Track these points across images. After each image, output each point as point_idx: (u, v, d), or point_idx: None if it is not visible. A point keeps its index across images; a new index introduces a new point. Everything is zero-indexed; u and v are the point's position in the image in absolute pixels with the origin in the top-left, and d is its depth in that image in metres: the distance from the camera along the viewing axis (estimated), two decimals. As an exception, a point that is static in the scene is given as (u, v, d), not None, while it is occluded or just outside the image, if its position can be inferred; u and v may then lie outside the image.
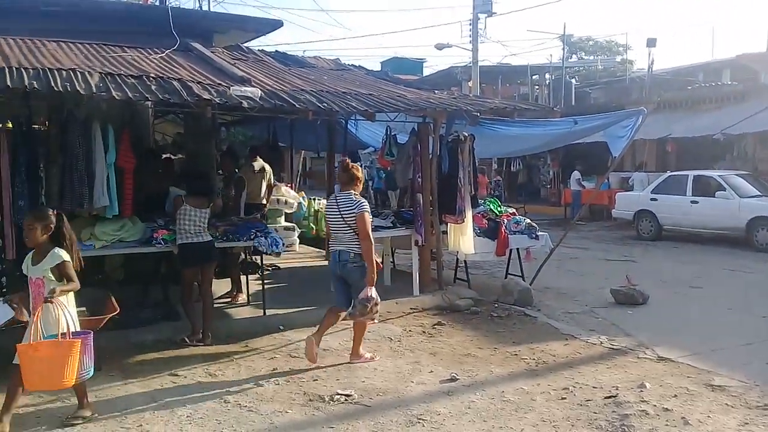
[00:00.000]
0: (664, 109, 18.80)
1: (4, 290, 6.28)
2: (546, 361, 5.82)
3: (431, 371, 5.52)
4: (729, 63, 22.38)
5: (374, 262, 5.52)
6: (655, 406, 4.66)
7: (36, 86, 5.64)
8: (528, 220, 9.01)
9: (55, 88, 5.67)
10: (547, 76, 28.11)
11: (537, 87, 28.23)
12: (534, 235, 8.77)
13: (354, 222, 5.52)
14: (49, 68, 6.14)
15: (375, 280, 5.53)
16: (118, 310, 5.60)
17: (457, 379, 5.30)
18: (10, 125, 7.04)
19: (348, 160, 6.08)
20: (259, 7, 67.47)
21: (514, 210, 9.53)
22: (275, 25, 10.35)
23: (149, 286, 7.44)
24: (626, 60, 34.12)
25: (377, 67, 27.07)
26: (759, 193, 13.21)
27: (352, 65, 11.49)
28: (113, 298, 5.71)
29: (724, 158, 17.34)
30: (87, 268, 6.71)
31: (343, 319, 5.89)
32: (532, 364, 5.74)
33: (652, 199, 14.44)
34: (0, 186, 6.16)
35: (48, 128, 6.68)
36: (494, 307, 7.71)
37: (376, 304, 5.51)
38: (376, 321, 5.82)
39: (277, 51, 10.67)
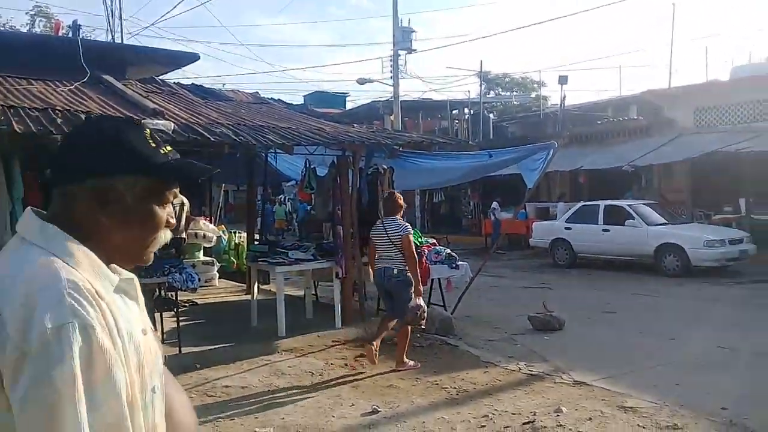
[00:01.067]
0: (576, 143, 19.70)
1: None
2: (466, 390, 5.87)
3: (352, 404, 5.46)
4: (635, 99, 23.69)
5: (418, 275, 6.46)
6: (570, 429, 4.77)
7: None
8: (448, 250, 9.13)
9: (-46, 121, 5.39)
10: (466, 110, 28.92)
11: (456, 121, 29.00)
12: (454, 265, 8.89)
13: (399, 242, 6.38)
14: (-55, 100, 5.85)
15: (422, 291, 6.55)
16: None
17: (379, 411, 5.25)
18: None
19: (394, 192, 7.20)
20: (176, 39, 66.67)
21: (435, 240, 9.65)
22: (192, 58, 10.25)
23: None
24: (540, 96, 35.60)
25: (300, 101, 27.17)
26: (665, 221, 13.95)
27: (272, 99, 11.50)
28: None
29: (632, 189, 18.25)
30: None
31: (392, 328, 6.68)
32: (453, 393, 5.77)
33: (566, 228, 14.98)
34: None
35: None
36: (416, 336, 7.73)
37: (424, 312, 6.50)
38: (423, 326, 6.90)
39: (194, 84, 10.54)
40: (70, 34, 12.61)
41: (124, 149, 1.22)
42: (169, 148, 1.28)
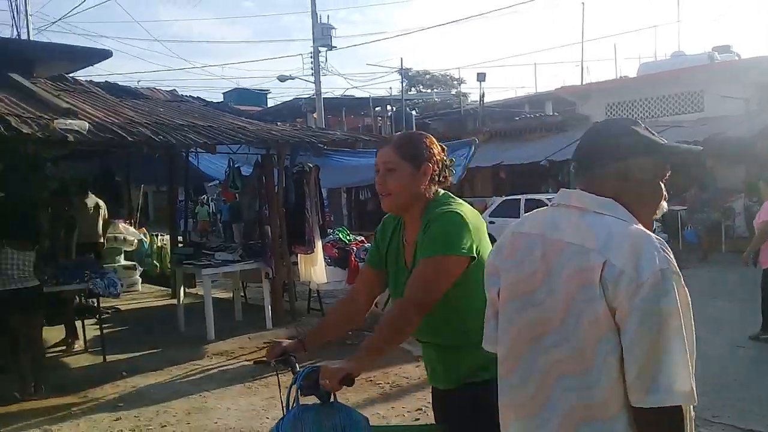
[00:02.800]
0: (495, 139, 20.22)
1: None
2: (400, 384, 5.93)
3: (287, 405, 5.40)
4: (550, 96, 24.54)
5: None
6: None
7: None
8: (376, 247, 9.18)
9: None
10: (389, 107, 29.14)
11: (380, 118, 29.16)
12: (382, 261, 8.95)
13: None
14: None
15: None
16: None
17: (313, 410, 5.22)
18: None
19: None
20: (86, 35, 63.90)
21: (363, 238, 9.68)
22: (104, 54, 9.82)
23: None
24: (460, 93, 36.29)
25: (220, 99, 26.60)
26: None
27: (191, 96, 11.21)
28: None
29: (549, 182, 18.89)
30: None
31: None
32: (387, 389, 5.81)
33: (490, 222, 15.35)
34: None
35: None
36: (348, 334, 7.73)
37: None
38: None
39: (107, 81, 10.15)
40: (-30, 30, 11.89)
41: (637, 138, 1.56)
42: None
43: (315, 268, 8.23)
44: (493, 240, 2.04)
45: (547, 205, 1.68)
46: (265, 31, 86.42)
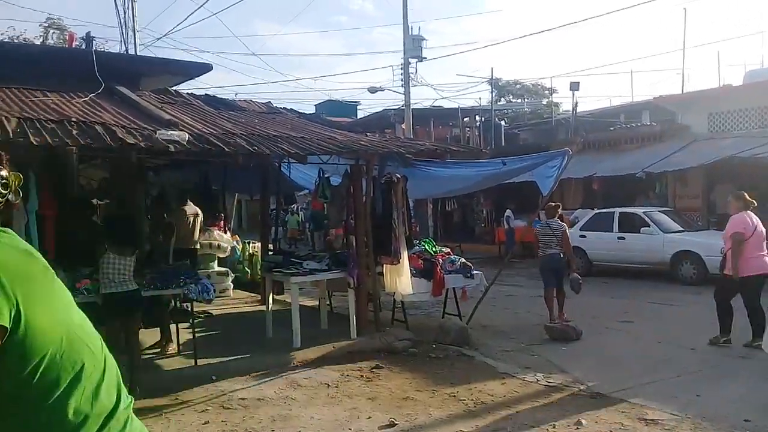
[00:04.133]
0: (588, 150, 19.56)
1: None
2: (484, 401, 5.80)
3: (369, 417, 5.40)
4: (647, 105, 23.54)
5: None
6: (591, 442, 4.69)
7: (-52, 132, 5.37)
8: (463, 260, 9.08)
9: (-32, 134, 5.41)
10: (477, 118, 28.86)
11: (468, 129, 28.94)
12: (469, 274, 8.84)
13: (561, 237, 8.99)
14: (-39, 113, 5.87)
15: (577, 267, 9.92)
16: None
17: (396, 424, 5.20)
18: None
19: (557, 203, 9.59)
20: (189, 50, 67.02)
21: (449, 249, 9.60)
22: (204, 68, 10.26)
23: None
24: (552, 102, 35.47)
25: (312, 111, 27.23)
26: (681, 229, 13.80)
27: (284, 108, 11.49)
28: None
29: (647, 195, 18.09)
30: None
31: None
32: (471, 405, 5.70)
33: (581, 236, 14.85)
34: None
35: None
36: (432, 347, 7.68)
37: (580, 280, 9.17)
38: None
39: (207, 94, 10.55)
40: (84, 46, 12.72)
41: None
42: None
43: (401, 279, 8.21)
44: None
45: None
46: (357, 44, 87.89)
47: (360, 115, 35.19)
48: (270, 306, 8.47)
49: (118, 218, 7.19)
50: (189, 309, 7.51)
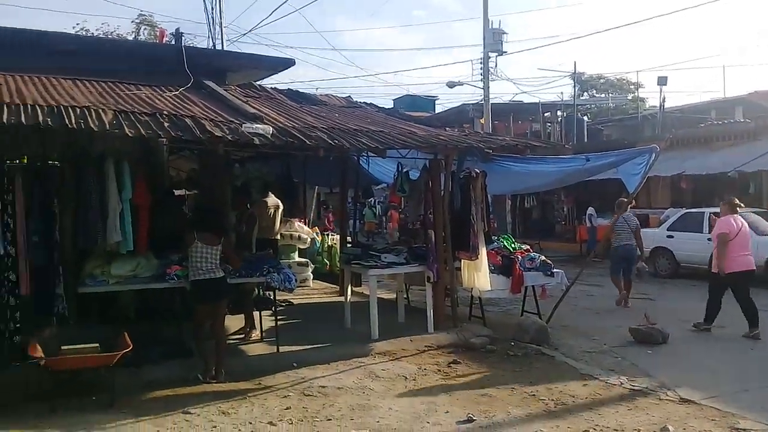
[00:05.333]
0: (677, 147, 18.73)
1: (18, 325, 6.24)
2: (565, 402, 5.67)
3: (447, 411, 5.39)
4: (741, 101, 22.37)
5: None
6: (679, 449, 4.50)
7: (50, 123, 5.68)
8: (543, 257, 8.91)
9: (69, 125, 5.71)
10: (559, 113, 28.23)
11: (549, 124, 28.35)
12: (549, 272, 8.66)
13: (635, 229, 10.49)
14: (63, 106, 6.20)
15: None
16: (131, 347, 5.57)
17: (474, 420, 5.16)
18: (25, 161, 7.09)
19: (629, 199, 9.47)
20: (272, 45, 68.65)
21: (529, 246, 9.43)
22: (287, 63, 10.45)
23: (162, 322, 7.39)
24: (638, 98, 34.26)
25: (390, 105, 27.33)
26: (776, 231, 13.01)
27: (364, 103, 11.58)
28: (127, 335, 5.69)
29: (739, 196, 17.16)
30: (101, 304, 6.73)
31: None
32: (551, 405, 5.59)
33: (668, 236, 14.28)
34: (15, 222, 6.19)
35: (62, 165, 6.71)
36: (510, 345, 7.58)
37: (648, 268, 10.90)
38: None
39: (289, 89, 10.77)
40: (173, 42, 13.23)
41: None
42: None
43: (479, 275, 8.14)
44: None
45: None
46: (436, 39, 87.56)
47: (438, 110, 35.03)
48: (348, 297, 8.57)
49: (206, 209, 7.43)
50: (271, 297, 7.70)
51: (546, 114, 28.11)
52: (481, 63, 23.83)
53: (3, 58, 7.73)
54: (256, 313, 7.87)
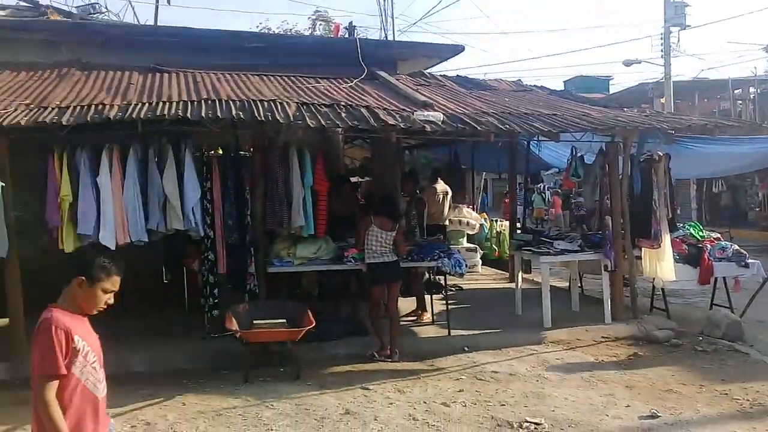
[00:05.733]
0: None
1: (216, 301, 6.92)
2: (762, 403, 5.18)
3: (628, 405, 5.14)
4: None
5: None
6: None
7: (242, 116, 6.19)
8: (735, 246, 8.15)
9: (258, 118, 6.18)
10: (752, 89, 25.59)
11: (740, 102, 25.81)
12: (743, 263, 7.91)
13: None
14: (252, 100, 6.71)
15: None
16: (315, 324, 5.95)
17: (658, 416, 4.88)
18: (220, 152, 7.78)
19: None
20: (439, 33, 68.97)
21: (719, 235, 8.67)
22: (456, 50, 10.46)
23: (340, 302, 7.79)
24: None
25: (560, 87, 26.38)
26: None
27: (534, 86, 11.29)
28: (310, 312, 6.08)
29: None
30: (287, 283, 7.27)
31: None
32: (746, 406, 5.13)
33: None
34: (213, 207, 6.84)
35: (252, 154, 7.29)
36: (698, 340, 7.04)
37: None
38: None
39: (458, 75, 10.76)
40: (347, 35, 13.76)
41: None
42: None
43: (662, 264, 7.63)
44: None
45: None
46: (610, 14, 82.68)
47: (612, 90, 33.19)
48: (519, 284, 8.45)
49: (383, 195, 7.69)
50: (442, 282, 7.80)
51: (737, 91, 25.61)
52: (661, 39, 22.26)
53: (201, 57, 8.57)
54: (427, 297, 8.02)
